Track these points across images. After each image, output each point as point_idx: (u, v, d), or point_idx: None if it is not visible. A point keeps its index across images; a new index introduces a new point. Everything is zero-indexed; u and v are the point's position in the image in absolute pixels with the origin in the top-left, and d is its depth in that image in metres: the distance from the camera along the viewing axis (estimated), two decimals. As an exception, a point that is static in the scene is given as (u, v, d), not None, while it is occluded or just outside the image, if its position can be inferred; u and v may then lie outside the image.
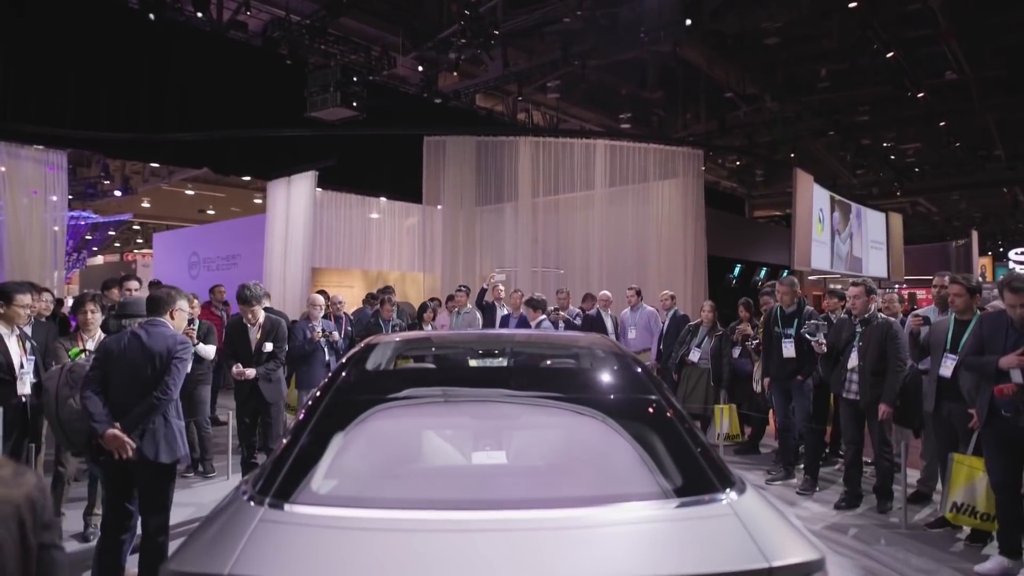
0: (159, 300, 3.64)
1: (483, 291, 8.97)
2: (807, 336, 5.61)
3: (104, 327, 4.57)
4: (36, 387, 4.34)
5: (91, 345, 4.32)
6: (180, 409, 3.64)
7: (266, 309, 5.74)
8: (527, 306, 7.27)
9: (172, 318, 3.64)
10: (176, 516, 4.95)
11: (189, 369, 3.64)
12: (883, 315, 5.29)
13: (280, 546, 1.67)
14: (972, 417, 4.23)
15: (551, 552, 1.65)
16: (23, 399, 4.21)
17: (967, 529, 4.51)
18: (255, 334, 5.37)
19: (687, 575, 1.59)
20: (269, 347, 5.36)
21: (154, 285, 7.46)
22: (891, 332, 5.05)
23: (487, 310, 8.58)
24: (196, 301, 6.20)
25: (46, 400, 3.94)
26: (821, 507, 5.34)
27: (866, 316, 5.22)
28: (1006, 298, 3.93)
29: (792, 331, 5.80)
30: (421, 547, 1.67)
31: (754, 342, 6.72)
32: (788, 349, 5.79)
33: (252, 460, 5.36)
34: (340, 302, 7.53)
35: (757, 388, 6.61)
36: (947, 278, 5.12)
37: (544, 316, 7.09)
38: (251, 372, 5.26)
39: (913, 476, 5.55)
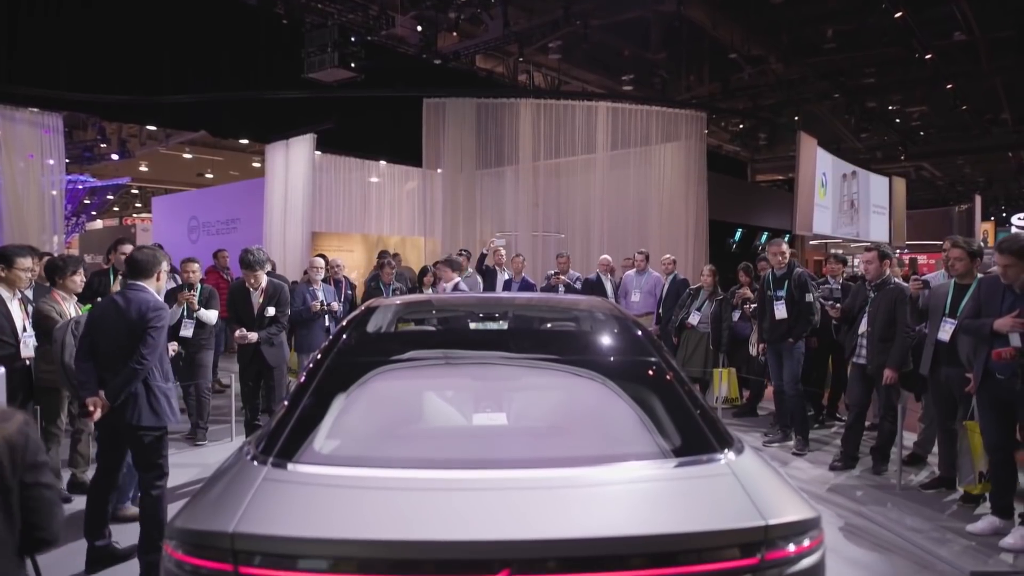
0: (144, 263, 3.58)
1: (483, 255, 8.97)
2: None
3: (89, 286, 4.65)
4: (36, 349, 4.38)
5: (70, 307, 4.40)
6: (168, 372, 3.67)
7: (268, 274, 5.75)
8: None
9: (158, 280, 3.64)
10: (181, 477, 5.06)
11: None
12: (897, 280, 5.29)
13: (283, 504, 1.70)
14: (970, 381, 4.26)
15: (551, 510, 1.68)
16: (27, 362, 4.23)
17: (960, 490, 4.58)
18: (257, 298, 5.40)
19: (685, 532, 1.62)
20: (271, 311, 5.38)
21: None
22: (900, 297, 5.05)
23: (488, 274, 8.58)
24: (198, 265, 6.16)
25: (54, 349, 4.00)
26: (817, 468, 5.41)
27: (879, 281, 5.22)
28: (996, 259, 3.96)
29: (783, 292, 5.81)
30: (422, 505, 1.69)
31: (753, 306, 6.74)
32: (780, 311, 5.81)
33: (256, 422, 5.42)
34: (339, 266, 7.52)
35: (753, 352, 6.66)
36: (949, 242, 5.12)
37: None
38: (253, 336, 5.30)
39: (910, 439, 5.62)
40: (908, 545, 3.92)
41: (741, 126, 20.16)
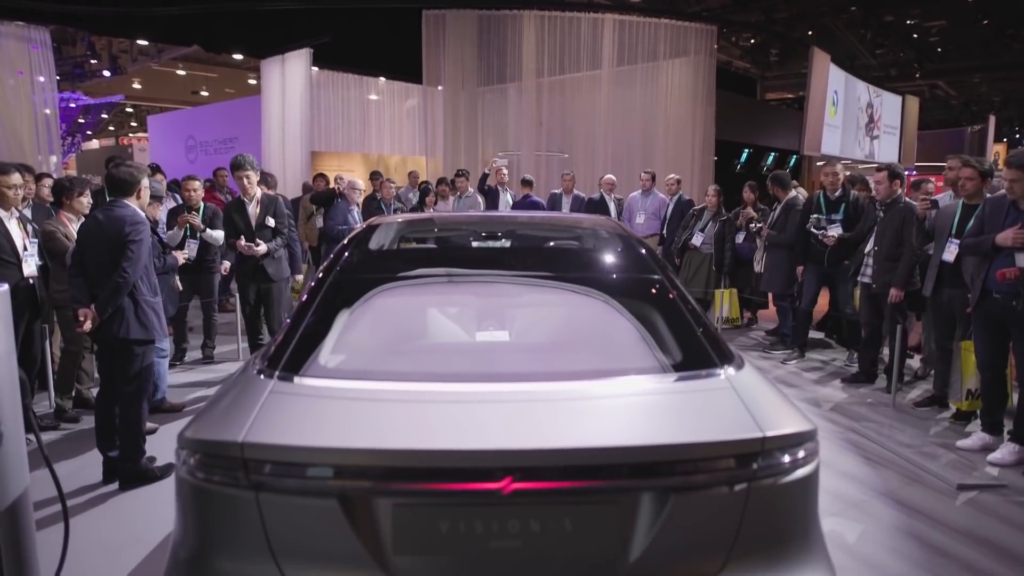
0: (123, 181, 3.62)
1: (485, 175, 8.86)
2: (813, 230, 5.65)
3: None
4: (43, 270, 4.39)
5: (76, 227, 4.36)
6: (155, 286, 3.74)
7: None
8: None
9: (139, 198, 3.67)
10: (190, 393, 5.20)
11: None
12: (907, 200, 5.22)
13: (291, 415, 1.73)
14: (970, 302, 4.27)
15: (553, 421, 1.71)
16: (30, 280, 4.24)
17: (952, 408, 4.67)
18: (254, 209, 5.27)
19: (684, 443, 1.65)
20: (271, 222, 5.27)
21: (154, 169, 7.34)
22: (909, 216, 5.00)
23: (489, 195, 8.51)
24: (199, 183, 6.04)
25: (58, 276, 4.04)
26: (816, 386, 5.53)
27: (889, 201, 5.15)
28: (1004, 174, 3.90)
29: (839, 216, 5.77)
30: (426, 416, 1.73)
31: (757, 225, 6.71)
32: (836, 233, 5.75)
33: (259, 340, 5.47)
34: (341, 179, 7.58)
35: (758, 268, 6.70)
36: (958, 161, 5.04)
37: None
38: (262, 248, 5.18)
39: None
40: (899, 459, 4.04)
41: (752, 41, 19.42)
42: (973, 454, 4.07)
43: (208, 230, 5.76)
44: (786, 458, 1.71)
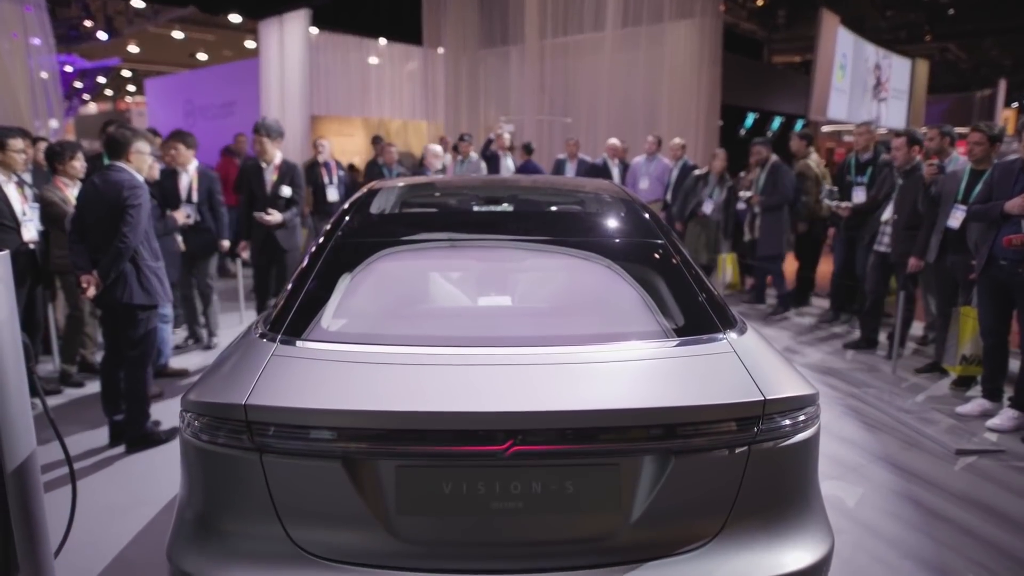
0: (115, 143, 3.59)
1: (489, 141, 8.78)
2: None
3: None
4: (44, 235, 4.37)
5: (73, 192, 4.35)
6: (157, 251, 3.73)
7: None
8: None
9: (130, 161, 3.62)
10: (192, 359, 5.22)
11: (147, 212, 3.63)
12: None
13: (293, 378, 1.73)
14: (974, 268, 4.24)
15: (555, 385, 1.71)
16: (31, 246, 4.23)
17: (952, 375, 4.68)
18: (270, 175, 5.16)
19: (686, 406, 1.66)
20: (287, 191, 5.16)
21: (152, 133, 7.25)
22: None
23: (491, 160, 8.44)
24: (182, 147, 5.87)
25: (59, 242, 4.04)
26: (819, 352, 5.54)
27: (908, 168, 5.08)
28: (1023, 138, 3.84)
29: (865, 179, 5.70)
30: (429, 379, 1.73)
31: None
32: (859, 196, 5.72)
33: (267, 306, 5.47)
34: (323, 145, 7.37)
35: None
36: (936, 131, 5.03)
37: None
38: (278, 217, 5.09)
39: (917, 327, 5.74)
40: (898, 424, 4.06)
41: (759, 2, 19.03)
42: (972, 420, 4.09)
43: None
44: (787, 422, 1.72)
